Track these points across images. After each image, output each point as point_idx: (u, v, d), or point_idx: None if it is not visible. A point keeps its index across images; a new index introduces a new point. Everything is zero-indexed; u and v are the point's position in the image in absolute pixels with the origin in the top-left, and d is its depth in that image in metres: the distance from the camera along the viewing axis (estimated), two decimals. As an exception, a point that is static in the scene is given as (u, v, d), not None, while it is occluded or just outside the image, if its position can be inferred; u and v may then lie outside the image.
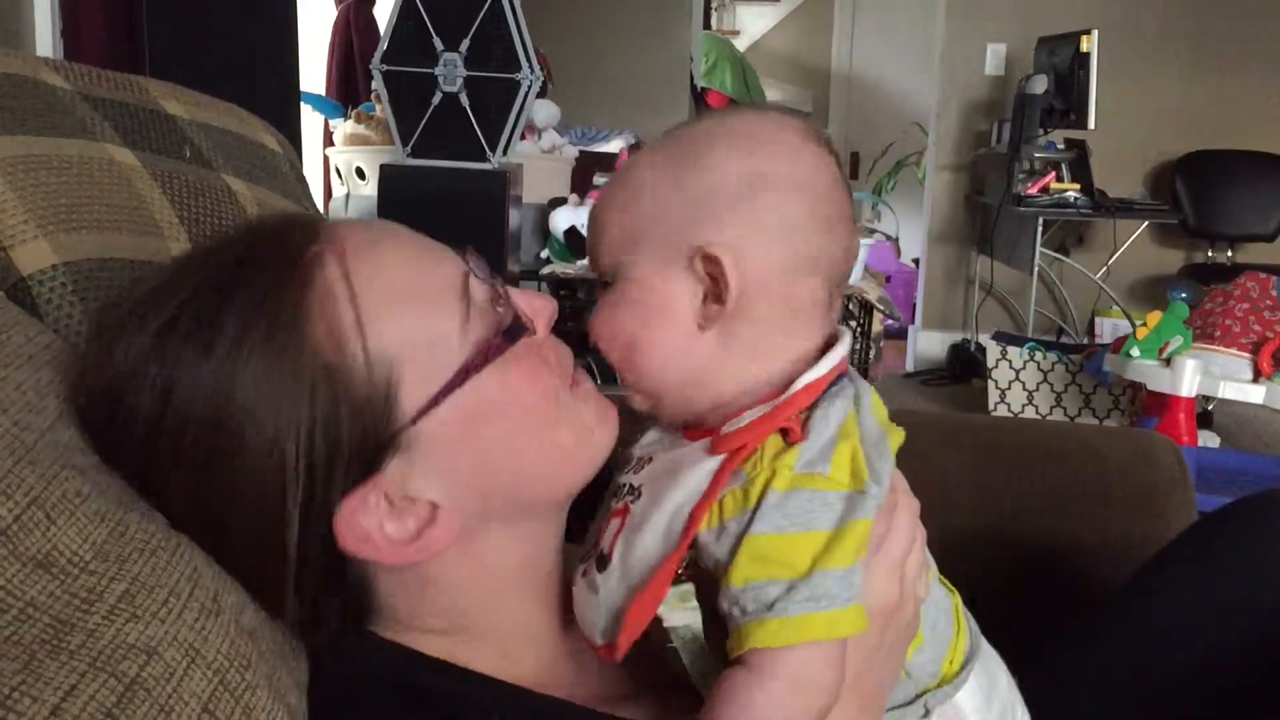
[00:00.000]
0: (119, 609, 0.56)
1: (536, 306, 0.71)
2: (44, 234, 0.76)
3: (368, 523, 0.64)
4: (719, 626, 0.64)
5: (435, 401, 0.64)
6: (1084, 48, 4.05)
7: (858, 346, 2.94)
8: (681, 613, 0.66)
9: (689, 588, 0.65)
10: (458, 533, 0.67)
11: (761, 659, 0.61)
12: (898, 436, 0.70)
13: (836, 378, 0.68)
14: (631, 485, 0.68)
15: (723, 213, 0.66)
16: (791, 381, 0.65)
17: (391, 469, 0.64)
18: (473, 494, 0.67)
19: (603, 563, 0.67)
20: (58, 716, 0.50)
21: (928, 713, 0.73)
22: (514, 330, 0.67)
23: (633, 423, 0.74)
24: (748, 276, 0.65)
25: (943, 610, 0.75)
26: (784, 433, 0.64)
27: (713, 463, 0.64)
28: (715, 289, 0.66)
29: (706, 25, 5.89)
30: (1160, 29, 4.62)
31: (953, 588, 0.78)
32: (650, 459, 0.69)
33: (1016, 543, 1.13)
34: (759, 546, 0.61)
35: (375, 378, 0.63)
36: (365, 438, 0.63)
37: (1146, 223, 4.67)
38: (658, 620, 0.65)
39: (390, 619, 0.70)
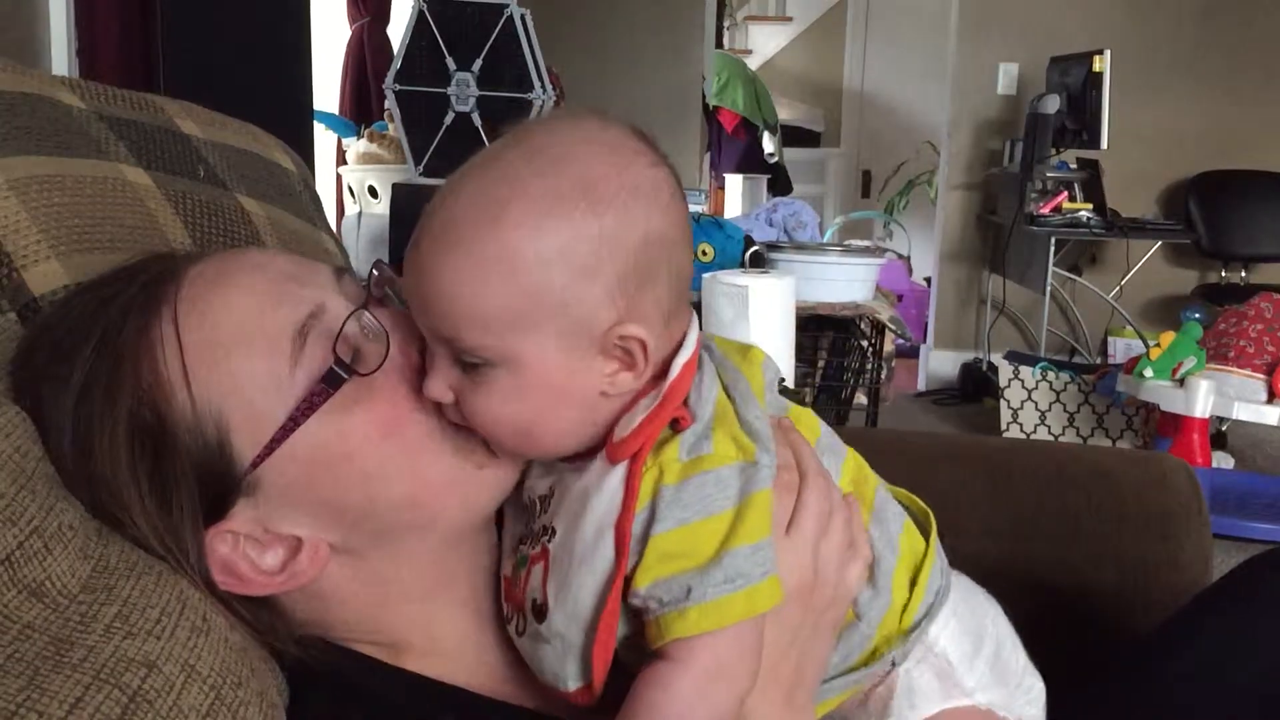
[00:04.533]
0: (115, 628, 0.57)
1: (406, 332, 0.67)
2: (56, 255, 0.76)
3: (231, 555, 0.65)
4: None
5: (268, 450, 0.63)
6: (1096, 67, 4.06)
7: (869, 365, 2.94)
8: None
9: None
10: (325, 560, 0.67)
11: (681, 648, 0.60)
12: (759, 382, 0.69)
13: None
14: (544, 526, 0.66)
15: (626, 284, 0.61)
16: (665, 368, 0.64)
17: (241, 510, 0.64)
18: (337, 525, 0.67)
19: (541, 613, 0.64)
20: (64, 729, 0.50)
21: (894, 666, 0.72)
22: (333, 376, 0.63)
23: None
24: (651, 334, 0.63)
25: (891, 539, 0.73)
26: (672, 424, 0.63)
27: (618, 473, 0.62)
28: (628, 359, 0.63)
29: (719, 44, 5.91)
30: (1173, 49, 4.62)
31: (916, 509, 0.76)
32: (551, 494, 0.67)
33: (1028, 566, 1.13)
34: (664, 545, 0.60)
35: (204, 427, 0.63)
36: (204, 484, 0.63)
37: (1159, 242, 4.66)
38: None
39: (330, 632, 0.70)
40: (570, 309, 0.60)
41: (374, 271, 0.71)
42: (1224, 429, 3.71)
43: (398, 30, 3.32)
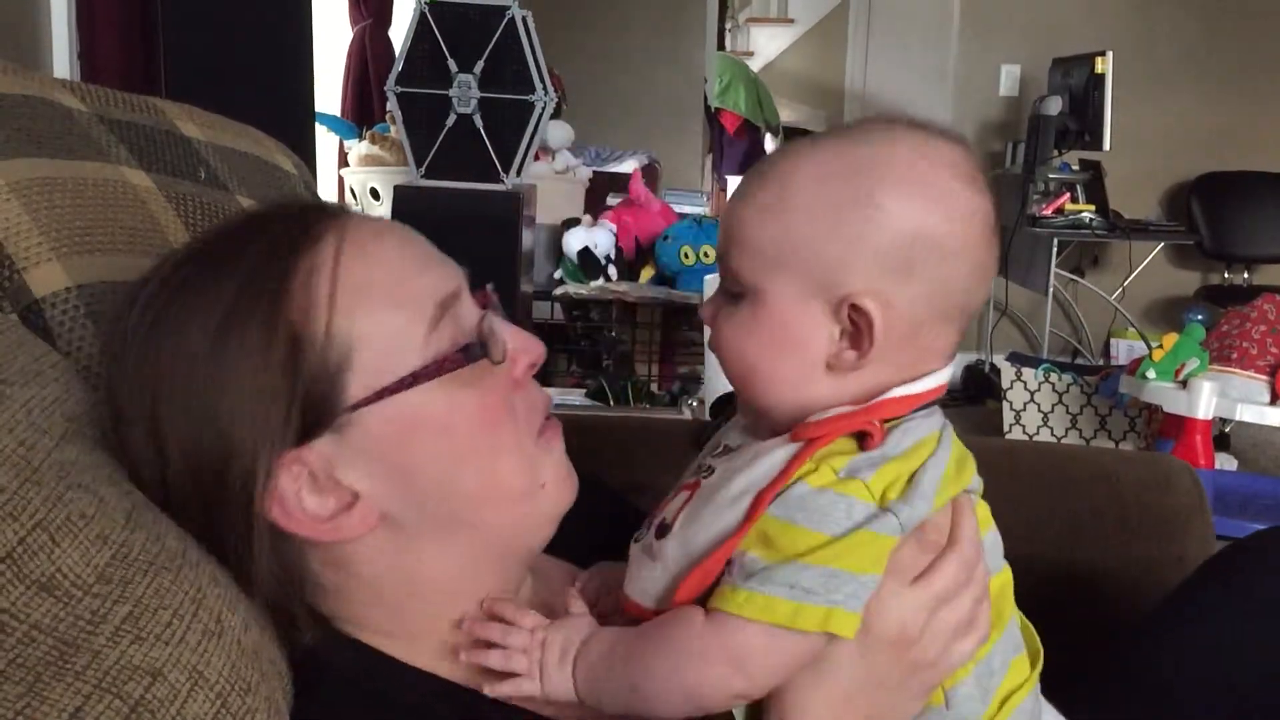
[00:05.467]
0: (123, 630, 0.56)
1: (522, 346, 0.72)
2: (57, 256, 0.76)
3: (286, 486, 0.65)
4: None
5: (378, 396, 0.65)
6: (1098, 69, 4.05)
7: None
8: None
9: None
10: (373, 525, 0.68)
11: (720, 618, 0.62)
12: (967, 476, 0.70)
13: (930, 402, 0.69)
14: (710, 465, 0.69)
15: (879, 263, 0.64)
16: (886, 390, 0.66)
17: (322, 445, 0.66)
18: (400, 497, 0.68)
19: (663, 530, 0.67)
20: (63, 740, 0.50)
21: None
22: (471, 350, 0.67)
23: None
24: (890, 328, 0.65)
25: (1006, 659, 0.73)
26: (862, 436, 0.64)
27: (789, 449, 0.65)
28: (856, 336, 0.65)
29: (720, 46, 5.91)
30: (1175, 50, 4.62)
31: (1030, 642, 0.76)
32: (737, 448, 0.70)
33: (1031, 568, 1.12)
34: (767, 527, 0.62)
35: (329, 355, 0.65)
36: (306, 406, 0.65)
37: (1162, 244, 4.66)
38: None
39: (342, 614, 0.71)
40: (818, 262, 0.65)
41: (489, 288, 0.76)
42: (1227, 430, 3.70)
43: (399, 32, 3.32)
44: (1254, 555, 0.95)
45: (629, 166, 3.86)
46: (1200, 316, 3.95)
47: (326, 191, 3.49)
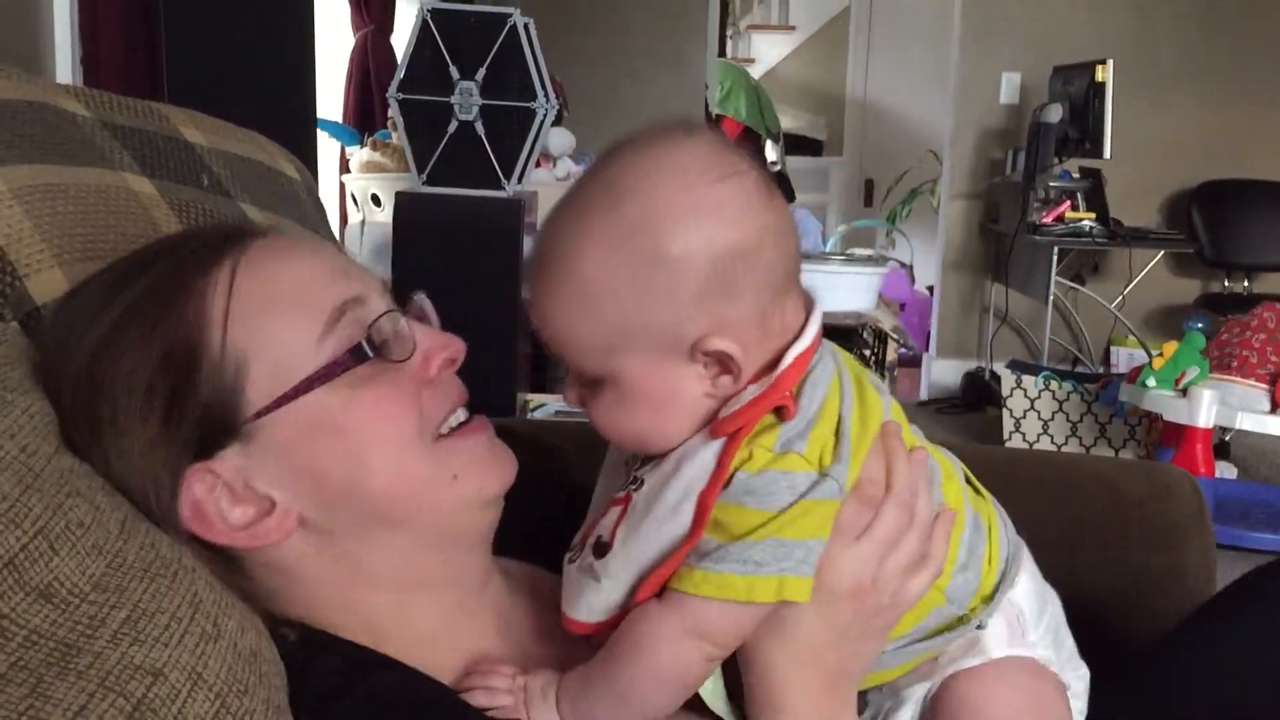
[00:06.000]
0: (122, 633, 0.57)
1: (435, 344, 0.73)
2: (59, 264, 0.76)
3: (204, 497, 0.67)
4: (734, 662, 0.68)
5: (278, 404, 0.67)
6: (1099, 77, 4.06)
7: (872, 375, 2.94)
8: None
9: None
10: (290, 530, 0.69)
11: (677, 598, 0.65)
12: (874, 408, 0.71)
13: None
14: (636, 476, 0.70)
15: (702, 301, 0.64)
16: (780, 355, 0.67)
17: (231, 456, 0.68)
18: (314, 499, 0.69)
19: (602, 550, 0.68)
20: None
21: (980, 628, 0.75)
22: (359, 350, 0.68)
23: None
24: (746, 342, 0.66)
25: (978, 533, 0.76)
26: (777, 410, 0.66)
27: (714, 447, 0.66)
28: (721, 363, 0.66)
29: (721, 53, 5.91)
30: (1176, 58, 4.62)
31: (985, 495, 0.79)
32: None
33: (1032, 576, 1.12)
34: (717, 513, 0.64)
35: (225, 367, 0.67)
36: (206, 418, 0.67)
37: (1162, 252, 4.66)
38: None
39: (310, 618, 0.72)
40: (652, 331, 0.65)
41: (418, 295, 0.77)
42: (1227, 439, 3.71)
43: (401, 39, 3.32)
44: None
45: (630, 173, 3.85)
46: (1200, 325, 3.94)
47: (328, 198, 3.48)
